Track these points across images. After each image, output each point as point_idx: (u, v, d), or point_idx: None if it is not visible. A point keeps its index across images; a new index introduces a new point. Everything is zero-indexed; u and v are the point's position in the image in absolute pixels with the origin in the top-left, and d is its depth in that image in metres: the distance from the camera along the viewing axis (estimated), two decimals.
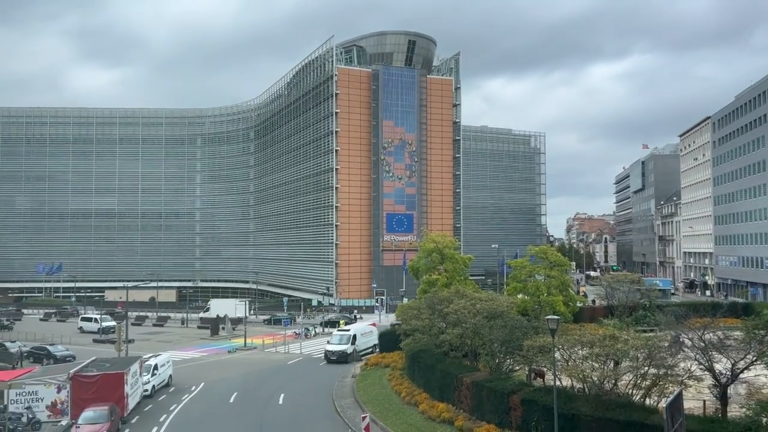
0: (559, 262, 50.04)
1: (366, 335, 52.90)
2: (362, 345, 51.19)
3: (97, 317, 74.00)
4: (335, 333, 52.86)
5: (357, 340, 50.76)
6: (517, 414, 25.07)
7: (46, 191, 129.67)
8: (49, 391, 32.21)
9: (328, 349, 49.85)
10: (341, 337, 50.96)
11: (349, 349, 49.15)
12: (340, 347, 49.29)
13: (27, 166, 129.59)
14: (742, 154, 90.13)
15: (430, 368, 32.58)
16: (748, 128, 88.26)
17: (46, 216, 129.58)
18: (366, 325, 57.42)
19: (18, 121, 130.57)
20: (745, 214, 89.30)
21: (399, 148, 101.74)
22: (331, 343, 50.51)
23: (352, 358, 48.12)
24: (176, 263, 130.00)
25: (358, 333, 51.67)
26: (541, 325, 30.40)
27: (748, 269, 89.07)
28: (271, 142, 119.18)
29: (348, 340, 50.02)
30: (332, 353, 48.92)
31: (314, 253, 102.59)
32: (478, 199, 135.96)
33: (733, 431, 19.04)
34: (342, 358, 48.17)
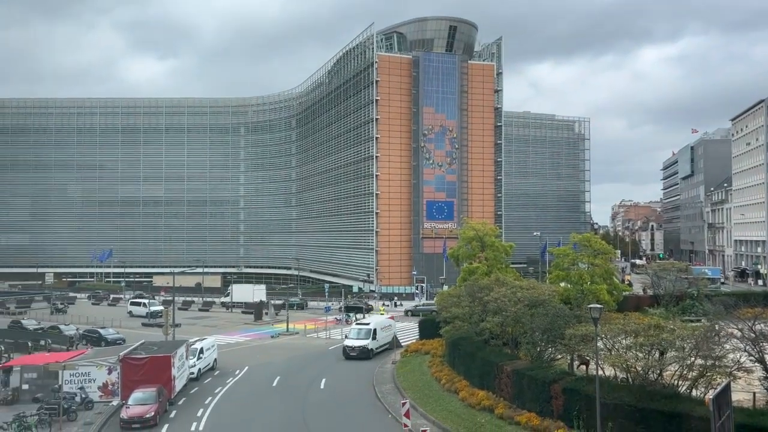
0: (604, 250, 49.07)
1: (385, 329, 48.71)
2: (381, 340, 47.39)
3: (146, 302, 76.25)
4: (353, 327, 49.44)
5: (378, 334, 46.79)
6: (558, 403, 24.86)
7: (97, 180, 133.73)
8: (101, 372, 33.45)
9: (347, 344, 45.93)
10: (360, 331, 47.12)
11: (371, 344, 45.52)
12: (360, 342, 45.49)
13: (79, 156, 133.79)
14: None
15: (471, 356, 32.54)
16: None
17: (96, 204, 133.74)
18: (384, 318, 52.47)
19: (70, 112, 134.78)
20: None
21: (439, 134, 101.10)
22: (349, 338, 46.68)
23: (373, 354, 45.15)
24: (221, 249, 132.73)
25: (378, 327, 47.49)
26: (583, 314, 29.97)
27: None
28: (313, 130, 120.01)
29: (368, 335, 46.10)
30: (352, 349, 45.17)
31: (355, 240, 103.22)
32: (520, 186, 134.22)
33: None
34: (363, 354, 44.68)
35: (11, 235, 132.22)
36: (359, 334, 46.45)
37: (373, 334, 46.18)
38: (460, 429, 26.70)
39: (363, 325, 48.41)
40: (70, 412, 29.87)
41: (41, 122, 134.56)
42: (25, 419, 26.83)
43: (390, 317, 53.30)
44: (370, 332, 46.23)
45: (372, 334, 46.10)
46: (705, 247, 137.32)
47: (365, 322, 48.76)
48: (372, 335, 46.05)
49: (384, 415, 30.73)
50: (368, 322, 48.74)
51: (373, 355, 44.83)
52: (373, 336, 46.08)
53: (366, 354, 44.56)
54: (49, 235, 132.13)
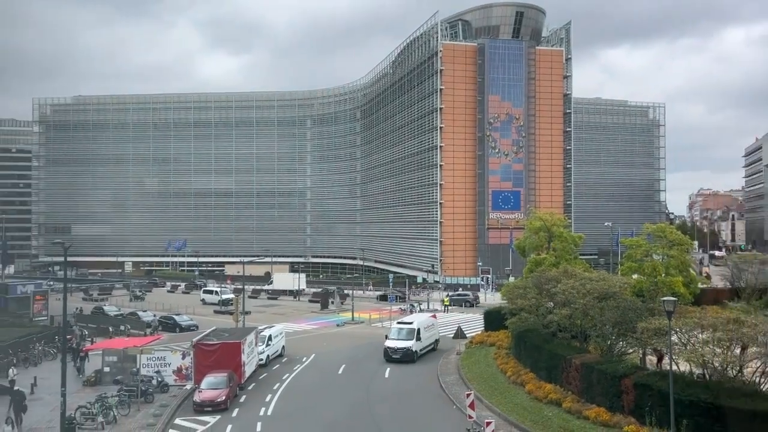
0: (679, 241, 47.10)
1: (429, 329, 43.84)
2: (425, 341, 42.70)
3: (218, 290, 78.89)
4: (395, 326, 43.73)
5: (421, 334, 42.00)
6: (629, 398, 24.04)
7: (171, 172, 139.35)
8: (175, 357, 34.84)
9: (388, 345, 40.80)
10: (402, 330, 42.09)
11: (415, 346, 40.61)
12: (403, 343, 40.58)
13: (154, 150, 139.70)
14: None
15: (537, 348, 31.92)
16: None
17: (171, 196, 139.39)
18: (427, 317, 46.90)
19: (146, 108, 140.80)
20: None
21: (506, 123, 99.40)
22: (390, 338, 41.60)
23: (417, 357, 40.72)
24: (289, 240, 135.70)
25: (422, 327, 42.52)
26: (657, 307, 28.79)
27: None
28: (377, 121, 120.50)
29: (412, 335, 41.18)
30: (394, 350, 40.23)
31: (419, 230, 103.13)
32: (591, 175, 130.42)
33: None
34: (407, 356, 39.92)
35: (93, 226, 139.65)
36: (401, 334, 41.58)
37: (417, 334, 41.32)
38: (525, 422, 26.26)
39: (405, 324, 42.99)
40: (148, 395, 31.28)
41: (120, 118, 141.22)
42: (106, 400, 28.29)
43: (432, 316, 47.90)
44: (414, 332, 41.31)
45: (416, 335, 41.26)
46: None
47: (408, 321, 43.75)
48: (416, 336, 41.24)
49: (448, 405, 30.62)
50: (411, 320, 43.68)
51: (417, 358, 40.53)
52: (417, 336, 41.31)
53: (410, 357, 39.99)
54: (128, 225, 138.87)
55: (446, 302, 70.93)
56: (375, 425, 27.72)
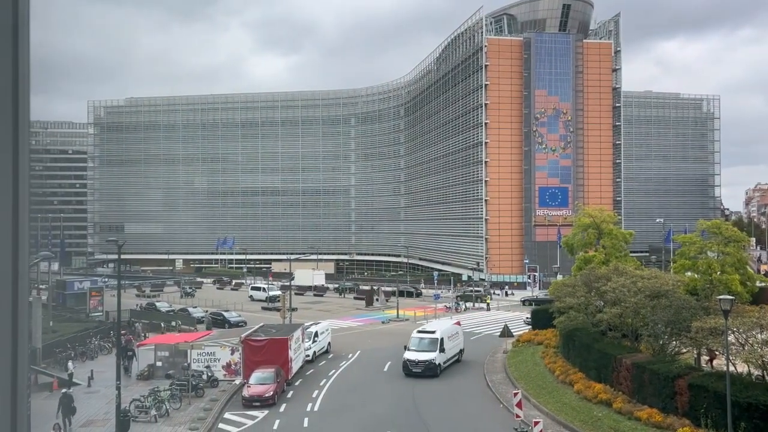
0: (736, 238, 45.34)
1: (452, 338, 39.17)
2: (449, 351, 38.14)
3: (265, 286, 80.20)
4: (414, 336, 38.21)
5: (445, 344, 37.28)
6: (683, 399, 23.32)
7: (220, 172, 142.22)
8: (225, 352, 35.57)
9: (408, 358, 35.96)
10: (423, 340, 37.05)
11: (438, 358, 36.02)
12: (425, 355, 35.77)
13: (203, 149, 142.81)
14: None
15: (586, 347, 31.30)
16: None
17: (219, 194, 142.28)
18: (451, 324, 41.72)
19: (195, 108, 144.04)
20: None
21: (553, 118, 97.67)
22: (410, 350, 36.70)
23: (441, 371, 36.25)
24: (334, 237, 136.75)
25: (445, 336, 37.75)
26: (712, 306, 27.86)
27: None
28: (421, 119, 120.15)
29: (434, 346, 36.39)
30: (414, 364, 35.42)
31: (464, 227, 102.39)
32: (642, 171, 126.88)
33: None
34: (429, 370, 35.26)
35: (145, 224, 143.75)
36: (422, 344, 36.73)
37: (440, 344, 36.59)
38: (575, 422, 25.79)
39: (427, 333, 38.02)
40: (198, 389, 32.02)
41: (170, 119, 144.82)
42: (159, 393, 29.10)
43: (456, 323, 42.66)
44: (437, 342, 36.48)
45: (439, 345, 36.52)
46: None
47: (430, 330, 38.60)
48: (439, 346, 36.49)
49: (495, 404, 30.33)
50: (433, 329, 38.65)
51: (440, 372, 36.00)
52: (441, 347, 36.61)
53: (432, 371, 35.38)
54: (178, 224, 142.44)
55: (488, 300, 70.38)
56: (422, 422, 27.68)
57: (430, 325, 41.62)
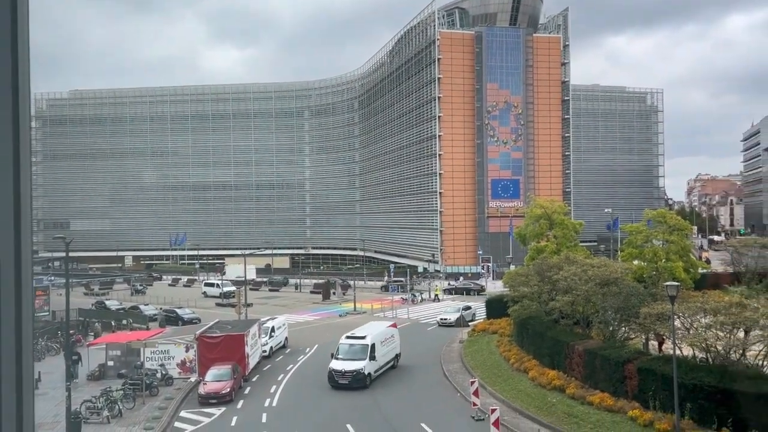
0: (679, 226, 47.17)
1: (386, 343, 35.23)
2: (382, 359, 34.20)
3: (219, 282, 79.02)
4: (342, 342, 34.16)
5: (377, 351, 33.42)
6: (632, 383, 24.17)
7: (170, 166, 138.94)
8: (179, 350, 34.96)
9: (333, 368, 32.16)
10: (352, 347, 33.14)
11: (368, 367, 32.20)
12: (353, 365, 31.90)
13: (152, 143, 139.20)
14: None
15: (540, 335, 32.05)
16: None
17: (170, 189, 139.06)
18: (384, 327, 37.37)
19: (143, 101, 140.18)
20: None
21: (504, 111, 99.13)
22: (337, 358, 32.79)
23: (371, 381, 32.45)
24: (289, 231, 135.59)
25: (377, 341, 33.88)
26: (659, 292, 28.93)
27: None
28: (375, 112, 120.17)
29: (364, 353, 32.55)
30: (341, 374, 31.68)
31: (419, 220, 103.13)
32: (590, 162, 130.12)
33: None
34: (357, 381, 31.50)
35: (92, 220, 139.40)
36: (350, 352, 32.91)
37: (370, 352, 32.80)
38: (530, 408, 26.42)
39: (356, 339, 33.92)
40: (152, 388, 31.40)
41: (117, 112, 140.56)
42: (111, 393, 28.40)
43: (392, 325, 38.65)
44: (367, 349, 32.75)
45: (369, 353, 32.71)
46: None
47: (360, 335, 34.42)
48: (369, 354, 32.67)
49: (452, 393, 30.78)
50: (364, 334, 34.46)
51: (370, 382, 32.24)
52: (371, 355, 32.81)
53: (361, 382, 31.63)
54: (127, 219, 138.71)
55: (437, 292, 71.21)
56: (380, 413, 27.86)
57: (362, 329, 36.78)
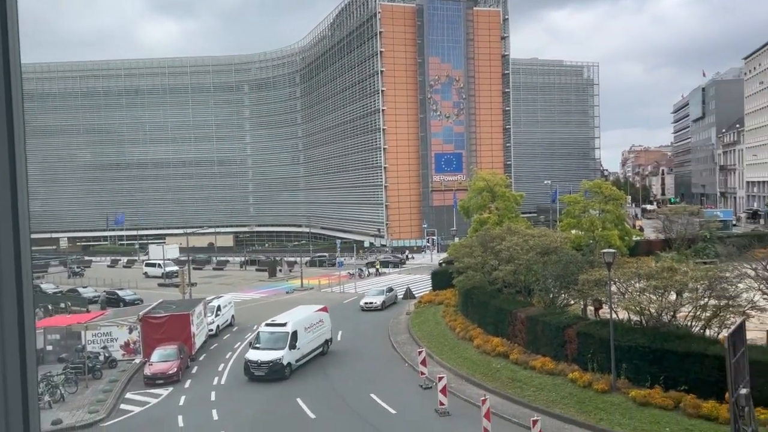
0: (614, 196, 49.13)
1: (312, 329, 32.80)
2: (306, 347, 31.66)
3: (161, 262, 77.27)
4: (261, 330, 32.09)
5: (299, 338, 31.00)
6: (572, 347, 25.24)
7: (103, 143, 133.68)
8: (122, 332, 34.20)
9: (249, 358, 29.81)
10: (271, 335, 30.75)
11: (287, 357, 29.66)
12: (270, 354, 29.47)
13: (84, 120, 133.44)
14: None
15: (484, 304, 32.92)
16: None
17: (105, 168, 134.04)
18: (312, 311, 34.67)
19: (72, 76, 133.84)
20: None
21: (446, 85, 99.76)
22: (254, 347, 30.67)
23: (291, 372, 29.83)
24: (232, 209, 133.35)
25: (301, 327, 31.61)
26: (596, 260, 30.12)
27: None
28: (317, 86, 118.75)
29: (284, 342, 30.03)
30: (256, 366, 29.27)
31: (364, 195, 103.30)
32: (530, 135, 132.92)
33: None
34: (275, 373, 29.05)
35: None
36: (269, 340, 30.37)
37: (290, 340, 30.29)
38: (475, 375, 27.25)
39: (276, 326, 31.37)
40: (95, 371, 30.69)
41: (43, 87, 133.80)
42: (52, 378, 27.61)
43: (322, 309, 35.52)
44: (287, 338, 30.23)
45: (289, 341, 30.20)
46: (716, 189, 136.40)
47: (280, 322, 31.78)
48: (289, 342, 30.16)
49: (401, 364, 31.37)
50: (285, 321, 31.85)
51: (290, 373, 29.68)
52: (291, 343, 30.28)
53: (279, 373, 29.11)
54: (61, 200, 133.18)
55: (377, 265, 72.06)
56: (330, 386, 28.17)
57: (285, 315, 33.91)
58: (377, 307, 46.35)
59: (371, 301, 47.27)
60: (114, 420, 25.19)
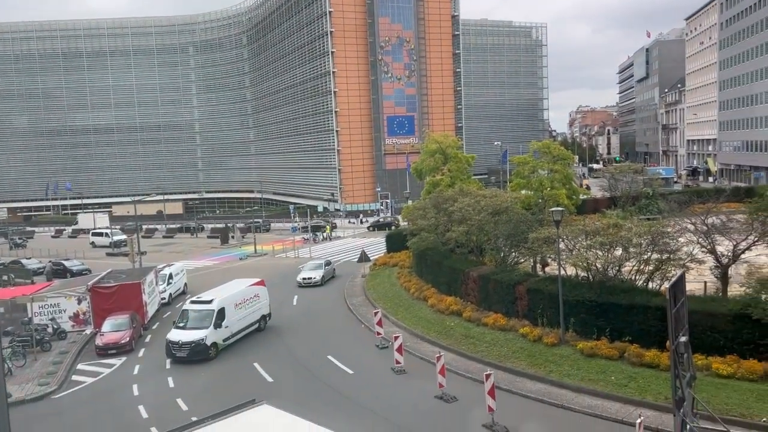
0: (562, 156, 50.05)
1: (245, 305, 30.34)
2: (236, 324, 29.46)
3: (108, 231, 75.28)
4: (185, 307, 29.65)
5: (228, 316, 28.74)
6: (523, 303, 25.99)
7: (42, 109, 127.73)
8: (70, 303, 33.38)
9: (170, 338, 27.49)
10: (195, 313, 28.38)
11: (212, 336, 27.55)
12: (192, 334, 27.28)
13: (19, 85, 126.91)
14: (750, 35, 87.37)
15: (438, 265, 33.44)
16: (756, 7, 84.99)
17: (45, 134, 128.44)
18: (245, 287, 31.52)
19: (4, 38, 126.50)
20: (751, 97, 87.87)
21: (397, 46, 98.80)
22: (177, 326, 28.26)
23: (216, 353, 27.62)
24: (180, 176, 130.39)
25: (230, 304, 29.23)
26: (546, 218, 30.85)
27: (752, 153, 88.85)
28: (265, 47, 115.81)
29: (209, 321, 27.77)
30: (177, 346, 27.02)
31: (317, 159, 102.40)
32: (480, 97, 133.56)
33: (733, 308, 19.79)
34: (198, 354, 26.92)
35: None
36: (193, 319, 28.09)
37: (215, 318, 27.96)
38: (430, 333, 27.81)
39: (201, 303, 28.88)
40: (44, 343, 29.99)
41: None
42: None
43: (258, 282, 32.48)
44: (212, 315, 27.96)
45: (214, 319, 27.90)
46: (659, 148, 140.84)
47: (206, 299, 29.10)
48: (214, 320, 27.87)
49: (357, 325, 31.73)
50: (211, 298, 29.10)
51: (216, 354, 27.57)
52: (216, 322, 27.96)
53: (202, 354, 27.01)
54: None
55: (328, 230, 71.88)
56: (287, 350, 28.30)
57: (213, 291, 31.32)
58: (316, 282, 42.37)
59: (309, 276, 42.84)
60: (66, 392, 24.78)
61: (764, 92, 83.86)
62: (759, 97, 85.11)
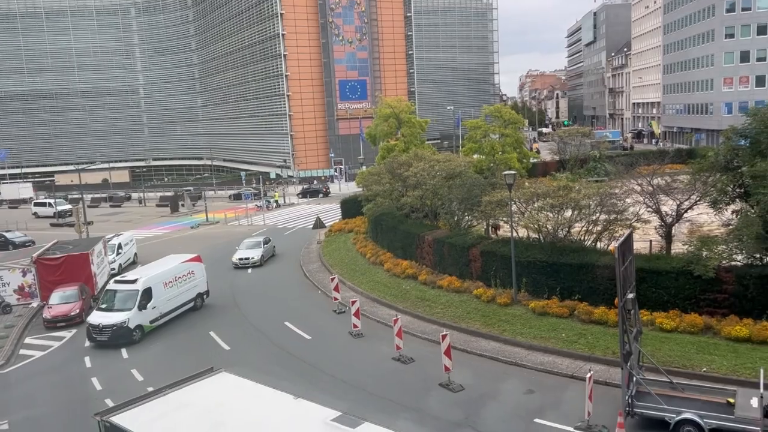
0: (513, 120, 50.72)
1: (177, 283, 28.31)
2: (168, 303, 27.57)
3: (51, 201, 72.66)
4: (109, 287, 27.80)
5: (155, 296, 26.77)
6: (476, 265, 26.49)
7: None
8: (15, 275, 32.24)
9: (90, 321, 25.58)
10: (118, 294, 26.46)
11: (136, 319, 25.59)
12: (114, 317, 25.34)
13: None
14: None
15: (393, 229, 33.64)
16: None
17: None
18: (177, 263, 29.44)
19: None
20: (693, 61, 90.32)
21: (347, 8, 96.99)
22: (99, 308, 26.54)
23: (141, 336, 25.71)
24: (126, 142, 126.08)
25: (158, 283, 27.12)
26: (498, 182, 31.29)
27: (694, 116, 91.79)
28: (211, 9, 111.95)
29: (132, 302, 25.77)
30: (98, 330, 25.10)
31: (268, 125, 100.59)
32: (432, 61, 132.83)
33: (677, 265, 20.67)
34: (120, 338, 25.05)
35: None
36: (116, 300, 26.16)
37: (141, 299, 26.01)
38: (386, 297, 28.12)
39: (124, 284, 26.90)
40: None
41: None
42: None
43: (194, 258, 30.55)
44: (136, 296, 25.97)
45: (139, 300, 25.92)
46: (606, 111, 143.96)
47: (131, 278, 27.13)
48: (139, 302, 25.89)
49: (314, 291, 31.79)
50: (135, 277, 27.05)
51: (139, 338, 25.67)
52: (142, 303, 26.00)
53: (124, 337, 25.18)
54: None
55: (276, 197, 71.19)
56: (244, 317, 28.18)
57: (141, 269, 29.93)
58: (255, 262, 38.10)
59: (247, 257, 38.34)
60: (14, 366, 24.12)
61: (702, 56, 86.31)
62: (701, 61, 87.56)
